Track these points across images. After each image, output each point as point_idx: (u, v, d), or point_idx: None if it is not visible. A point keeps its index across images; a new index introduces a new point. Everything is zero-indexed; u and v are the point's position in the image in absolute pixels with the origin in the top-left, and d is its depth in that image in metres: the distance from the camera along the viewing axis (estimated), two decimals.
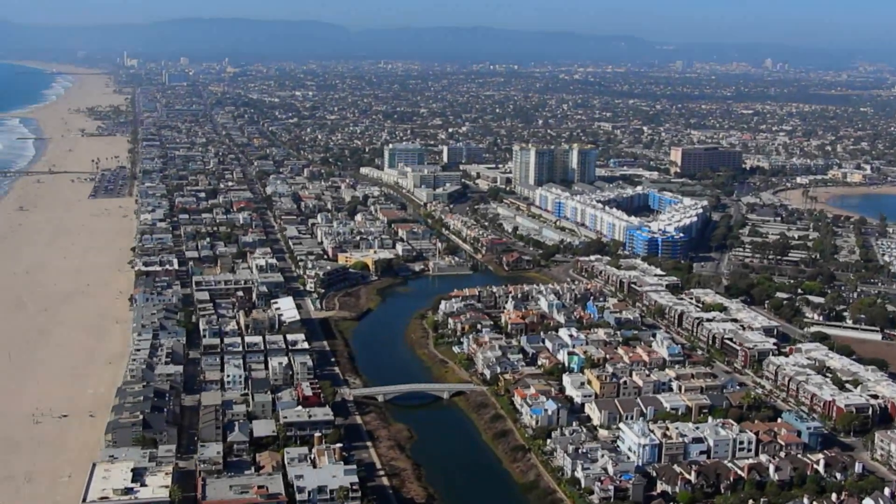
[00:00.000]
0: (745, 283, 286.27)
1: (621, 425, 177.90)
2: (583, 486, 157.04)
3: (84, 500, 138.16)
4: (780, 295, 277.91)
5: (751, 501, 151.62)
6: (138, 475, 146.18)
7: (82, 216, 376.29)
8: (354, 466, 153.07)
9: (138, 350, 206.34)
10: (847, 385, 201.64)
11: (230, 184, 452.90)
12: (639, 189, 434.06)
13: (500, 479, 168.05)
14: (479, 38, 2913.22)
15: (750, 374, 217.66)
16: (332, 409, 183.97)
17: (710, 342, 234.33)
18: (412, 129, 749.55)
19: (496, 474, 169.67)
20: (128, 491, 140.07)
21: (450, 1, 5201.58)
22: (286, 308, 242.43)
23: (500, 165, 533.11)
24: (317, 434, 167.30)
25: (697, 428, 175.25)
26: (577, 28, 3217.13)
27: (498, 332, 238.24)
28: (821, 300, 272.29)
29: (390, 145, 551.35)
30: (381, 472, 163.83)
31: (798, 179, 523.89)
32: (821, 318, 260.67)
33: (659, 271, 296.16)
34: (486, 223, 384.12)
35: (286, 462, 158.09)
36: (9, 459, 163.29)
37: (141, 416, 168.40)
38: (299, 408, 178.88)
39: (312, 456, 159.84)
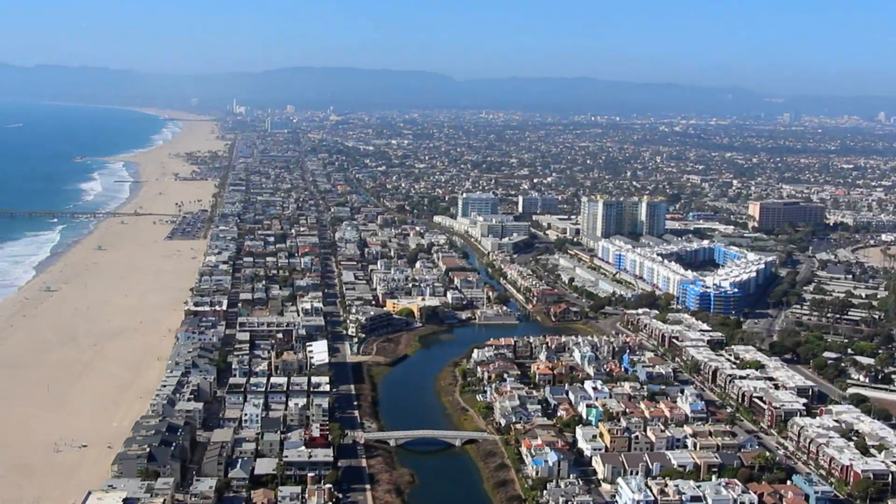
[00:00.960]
0: (793, 342, 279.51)
1: (619, 480, 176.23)
2: None
3: None
4: (828, 354, 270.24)
5: None
6: None
7: (153, 257, 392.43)
8: None
9: (164, 386, 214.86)
10: (872, 450, 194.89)
11: (302, 229, 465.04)
12: (705, 243, 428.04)
13: None
14: (583, 90, 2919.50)
15: (775, 435, 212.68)
16: (339, 452, 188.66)
17: (740, 400, 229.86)
18: (497, 179, 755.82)
19: None
20: None
21: (556, 52, 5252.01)
22: (318, 351, 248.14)
23: (573, 217, 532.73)
24: (311, 474, 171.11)
25: (699, 486, 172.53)
26: (683, 80, 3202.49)
27: (526, 382, 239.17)
28: (871, 361, 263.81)
29: (464, 194, 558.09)
30: None
31: (883, 236, 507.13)
32: (866, 380, 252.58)
33: (705, 326, 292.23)
34: (546, 273, 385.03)
35: (278, 500, 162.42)
36: (23, 484, 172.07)
37: (148, 449, 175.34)
38: (302, 448, 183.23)
39: (305, 495, 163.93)
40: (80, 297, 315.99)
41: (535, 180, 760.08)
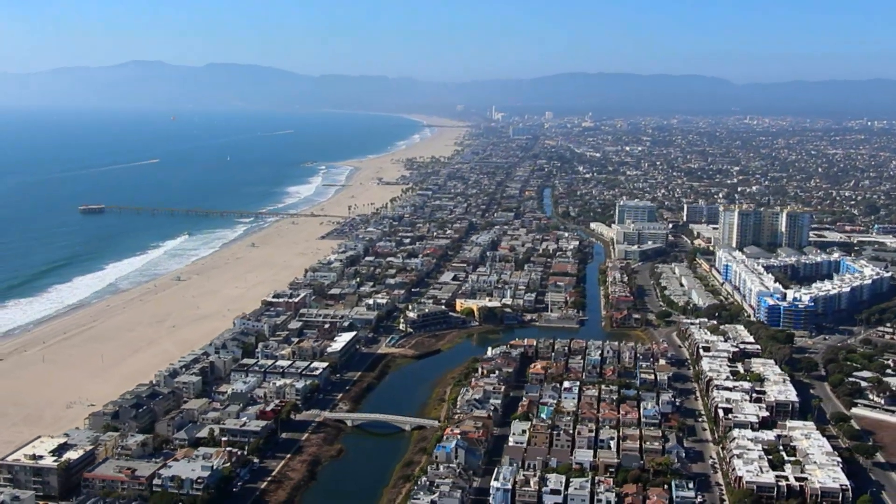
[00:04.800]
0: (827, 359, 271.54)
1: (497, 470, 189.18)
2: None
3: (3, 458, 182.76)
4: (864, 374, 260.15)
5: None
6: (63, 449, 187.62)
7: (291, 254, 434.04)
8: (212, 464, 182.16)
9: (179, 361, 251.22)
10: (787, 465, 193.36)
11: (448, 232, 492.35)
12: (834, 256, 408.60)
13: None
14: (873, 92, 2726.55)
15: (718, 445, 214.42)
16: (286, 426, 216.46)
17: (710, 410, 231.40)
18: (695, 187, 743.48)
19: (367, 499, 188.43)
20: (35, 458, 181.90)
21: (845, 53, 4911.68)
22: (340, 341, 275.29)
23: None
24: (224, 438, 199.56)
25: (567, 482, 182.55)
26: None
27: (522, 380, 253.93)
28: None
29: (621, 202, 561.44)
30: (267, 479, 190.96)
31: None
32: (881, 401, 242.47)
33: (749, 339, 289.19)
34: (652, 281, 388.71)
35: (194, 457, 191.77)
36: (23, 430, 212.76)
37: (115, 409, 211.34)
38: (245, 419, 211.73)
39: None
40: (197, 287, 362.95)
41: (739, 189, 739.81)
